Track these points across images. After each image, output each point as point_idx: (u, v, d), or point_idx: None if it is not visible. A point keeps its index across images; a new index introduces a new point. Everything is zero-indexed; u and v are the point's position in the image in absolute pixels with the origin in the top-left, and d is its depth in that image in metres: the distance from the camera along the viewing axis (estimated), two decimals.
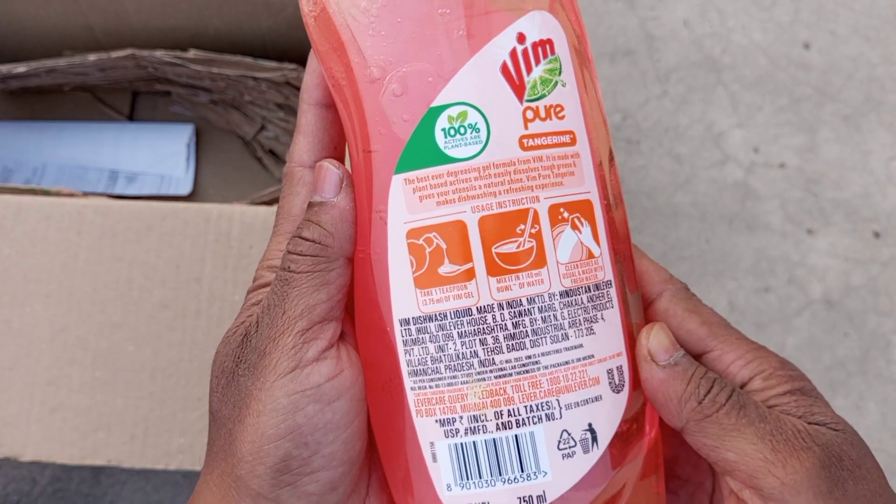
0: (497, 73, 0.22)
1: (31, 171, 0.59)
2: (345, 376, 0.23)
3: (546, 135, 0.22)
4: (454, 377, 0.22)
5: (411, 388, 0.22)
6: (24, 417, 0.39)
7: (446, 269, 0.22)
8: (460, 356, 0.22)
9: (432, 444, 0.22)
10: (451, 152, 0.22)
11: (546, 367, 0.22)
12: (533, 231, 0.22)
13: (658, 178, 0.69)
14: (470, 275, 0.22)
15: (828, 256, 0.67)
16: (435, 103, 0.22)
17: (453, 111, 0.22)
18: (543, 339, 0.22)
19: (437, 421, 0.22)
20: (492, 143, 0.22)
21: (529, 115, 0.22)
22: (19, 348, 0.39)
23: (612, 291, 0.23)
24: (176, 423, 0.38)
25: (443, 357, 0.22)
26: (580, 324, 0.22)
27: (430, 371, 0.22)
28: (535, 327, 0.22)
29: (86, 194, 0.42)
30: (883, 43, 0.73)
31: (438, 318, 0.22)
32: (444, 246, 0.22)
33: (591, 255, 0.23)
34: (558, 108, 0.23)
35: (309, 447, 0.22)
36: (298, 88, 0.52)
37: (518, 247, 0.22)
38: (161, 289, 0.39)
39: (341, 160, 0.26)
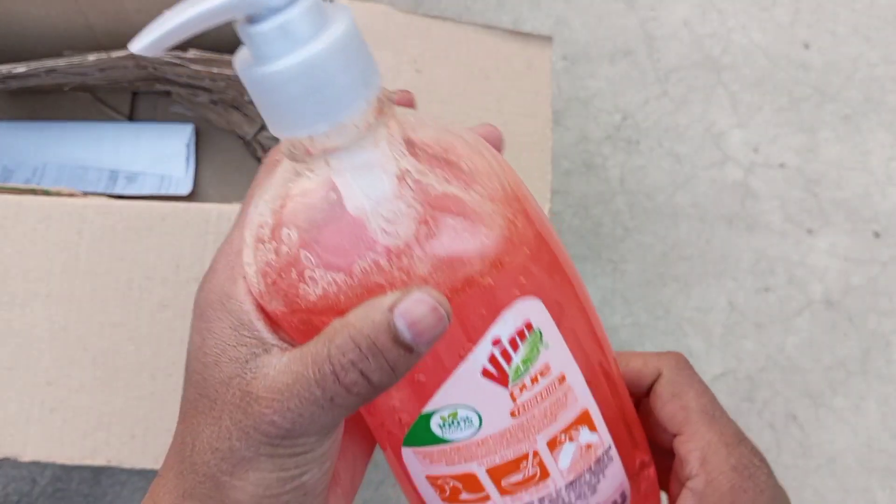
0: (479, 378, 0.23)
1: (31, 171, 0.59)
2: None
3: (535, 396, 0.24)
4: None
5: None
6: (24, 417, 0.39)
7: (466, 496, 0.26)
8: None
9: None
10: (448, 436, 0.24)
11: None
12: (535, 461, 0.25)
13: (658, 178, 0.69)
14: (486, 498, 0.26)
15: (828, 256, 0.67)
16: (426, 410, 0.24)
17: (444, 412, 0.24)
18: None
19: None
20: (485, 425, 0.24)
21: (517, 392, 0.24)
22: (19, 348, 0.39)
23: (612, 450, 0.27)
24: (176, 423, 0.38)
25: None
26: (586, 494, 0.26)
27: None
28: None
29: (86, 194, 0.42)
30: (883, 43, 0.73)
31: None
32: (460, 486, 0.25)
33: (589, 446, 0.26)
34: (544, 370, 0.24)
35: None
36: None
37: (524, 476, 0.25)
38: (161, 289, 0.39)
39: None
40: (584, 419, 0.25)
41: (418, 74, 0.44)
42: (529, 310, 0.23)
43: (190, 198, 0.58)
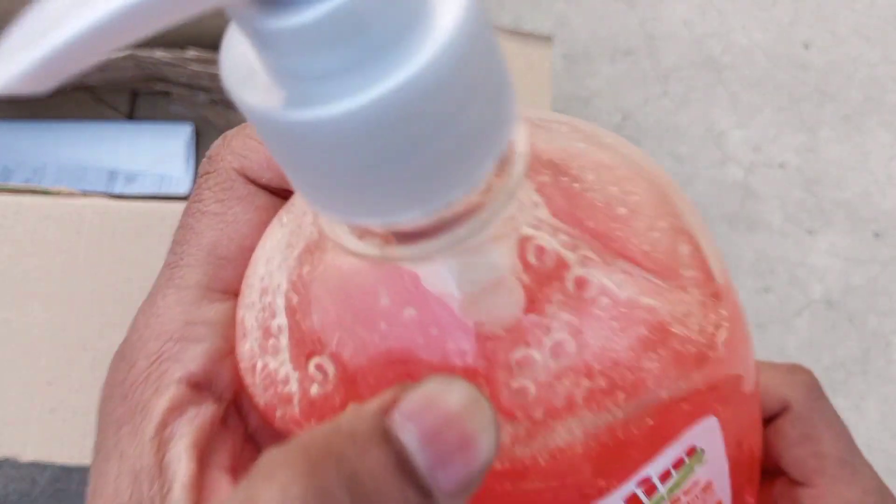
0: None
1: (31, 171, 0.59)
2: None
3: None
4: None
5: None
6: (23, 417, 0.39)
7: None
8: None
9: None
10: None
11: None
12: None
13: None
14: None
15: (828, 256, 0.67)
16: None
17: None
18: None
19: None
20: None
21: None
22: (19, 348, 0.39)
23: None
24: None
25: None
26: None
27: None
28: None
29: (86, 194, 0.42)
30: (883, 43, 0.73)
31: None
32: None
33: None
34: (692, 487, 0.17)
35: None
36: None
37: None
38: None
39: None
40: None
41: None
42: (700, 434, 0.16)
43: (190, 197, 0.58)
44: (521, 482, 0.15)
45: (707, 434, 0.17)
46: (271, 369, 0.15)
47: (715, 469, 0.18)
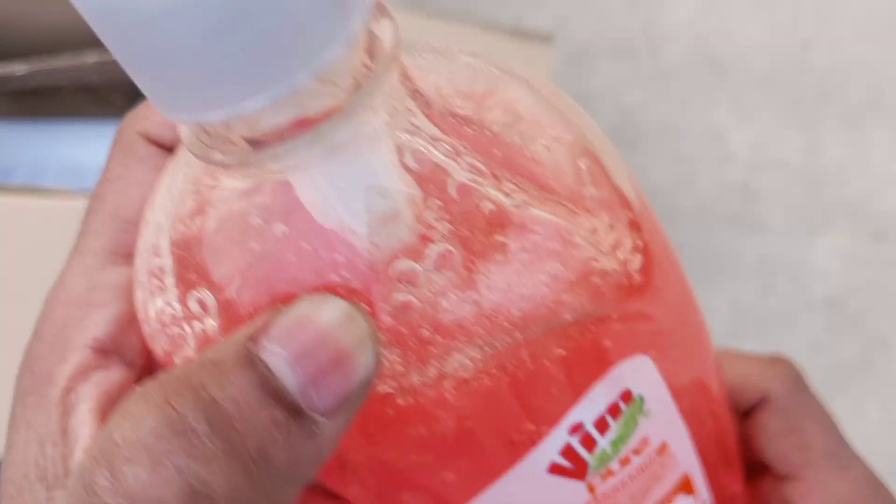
0: (543, 475, 0.15)
1: (31, 171, 0.59)
2: None
3: (623, 480, 0.16)
4: None
5: None
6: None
7: None
8: None
9: None
10: None
11: None
12: None
13: (658, 178, 0.69)
14: None
15: (829, 257, 0.67)
16: None
17: None
18: None
19: None
20: None
21: (597, 481, 0.16)
22: (19, 348, 0.39)
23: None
24: None
25: None
26: None
27: None
28: None
29: (86, 194, 0.42)
30: (883, 43, 0.73)
31: None
32: None
33: None
34: (640, 446, 0.16)
35: None
36: None
37: None
38: None
39: None
40: (683, 486, 0.18)
41: None
42: (630, 374, 0.15)
43: None
44: (435, 423, 0.14)
45: (641, 378, 0.15)
46: (162, 313, 0.15)
47: (667, 428, 0.17)
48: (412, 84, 0.13)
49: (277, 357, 0.11)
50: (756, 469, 0.22)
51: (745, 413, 0.21)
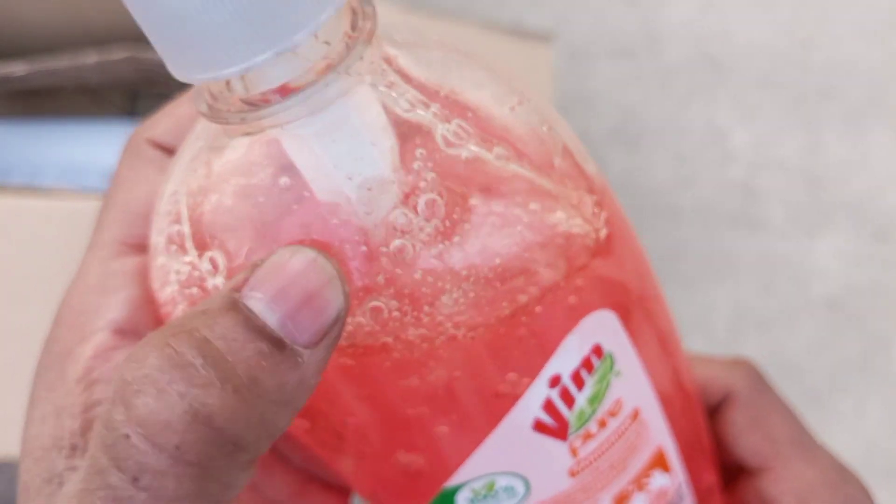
0: (529, 434, 0.16)
1: (31, 171, 0.59)
2: None
3: (602, 444, 0.17)
4: None
5: None
6: (24, 418, 0.39)
7: None
8: None
9: None
10: None
11: None
12: None
13: (658, 177, 0.69)
14: None
15: (828, 256, 0.67)
16: (448, 485, 0.16)
17: (477, 484, 0.17)
18: None
19: None
20: (534, 492, 0.17)
21: (578, 443, 0.17)
22: (19, 348, 0.39)
23: (684, 486, 0.20)
24: None
25: None
26: None
27: None
28: None
29: (86, 194, 0.42)
30: (883, 43, 0.73)
31: None
32: None
33: (662, 492, 0.19)
34: (615, 408, 0.17)
35: None
36: None
37: None
38: None
39: None
40: (658, 461, 0.19)
41: None
42: (599, 328, 0.16)
43: None
44: (426, 372, 0.15)
45: (609, 333, 0.17)
46: (179, 277, 0.16)
47: (637, 392, 0.18)
48: (390, 58, 0.15)
49: (257, 300, 0.13)
50: (731, 473, 0.23)
51: (713, 411, 0.23)
